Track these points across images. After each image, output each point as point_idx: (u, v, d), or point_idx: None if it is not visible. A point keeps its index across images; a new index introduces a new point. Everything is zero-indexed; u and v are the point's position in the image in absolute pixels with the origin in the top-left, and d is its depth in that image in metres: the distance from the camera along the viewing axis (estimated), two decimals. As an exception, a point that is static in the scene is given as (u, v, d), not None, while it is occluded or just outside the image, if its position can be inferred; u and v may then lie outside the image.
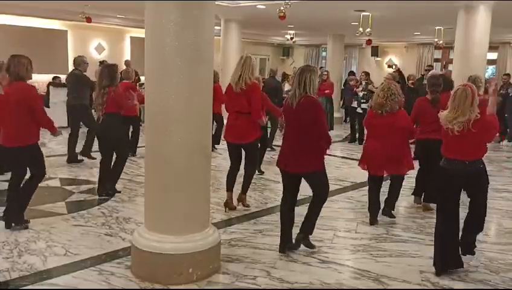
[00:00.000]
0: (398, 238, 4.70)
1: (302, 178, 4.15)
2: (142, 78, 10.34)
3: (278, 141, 7.88)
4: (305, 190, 4.27)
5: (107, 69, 5.72)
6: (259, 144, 5.81)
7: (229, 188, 5.38)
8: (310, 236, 4.23)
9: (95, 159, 7.13)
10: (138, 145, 8.41)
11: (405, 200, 6.01)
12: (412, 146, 5.49)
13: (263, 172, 7.16)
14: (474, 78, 6.58)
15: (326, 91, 11.08)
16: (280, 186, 4.27)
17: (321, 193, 4.14)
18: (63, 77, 11.48)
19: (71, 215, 5.09)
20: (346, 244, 4.53)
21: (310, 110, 3.94)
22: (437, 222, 3.98)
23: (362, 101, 10.29)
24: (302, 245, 4.21)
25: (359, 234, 4.79)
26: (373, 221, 5.06)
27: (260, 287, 3.59)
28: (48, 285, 3.50)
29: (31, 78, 4.54)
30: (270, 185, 6.28)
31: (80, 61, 7.71)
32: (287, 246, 4.19)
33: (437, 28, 12.57)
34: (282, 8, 8.60)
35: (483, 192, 4.00)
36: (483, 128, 3.80)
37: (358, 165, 5.27)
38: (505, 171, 8.17)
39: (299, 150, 4.00)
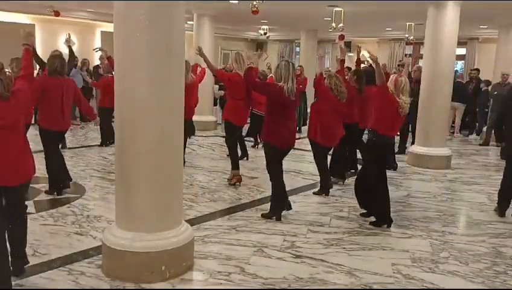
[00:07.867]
0: (370, 232, 4.76)
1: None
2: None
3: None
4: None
5: None
6: None
7: None
8: None
9: None
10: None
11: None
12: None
13: None
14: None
15: (299, 86, 11.19)
16: (253, 182, 4.27)
17: None
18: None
19: (39, 214, 4.96)
20: (320, 238, 4.55)
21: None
22: (380, 189, 4.92)
23: None
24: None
25: (332, 228, 4.82)
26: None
27: (234, 284, 3.58)
28: (14, 286, 3.39)
29: None
30: (243, 180, 6.26)
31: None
32: None
33: (408, 23, 12.76)
34: (255, 3, 8.55)
35: None
36: None
37: None
38: (473, 164, 8.38)
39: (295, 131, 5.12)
